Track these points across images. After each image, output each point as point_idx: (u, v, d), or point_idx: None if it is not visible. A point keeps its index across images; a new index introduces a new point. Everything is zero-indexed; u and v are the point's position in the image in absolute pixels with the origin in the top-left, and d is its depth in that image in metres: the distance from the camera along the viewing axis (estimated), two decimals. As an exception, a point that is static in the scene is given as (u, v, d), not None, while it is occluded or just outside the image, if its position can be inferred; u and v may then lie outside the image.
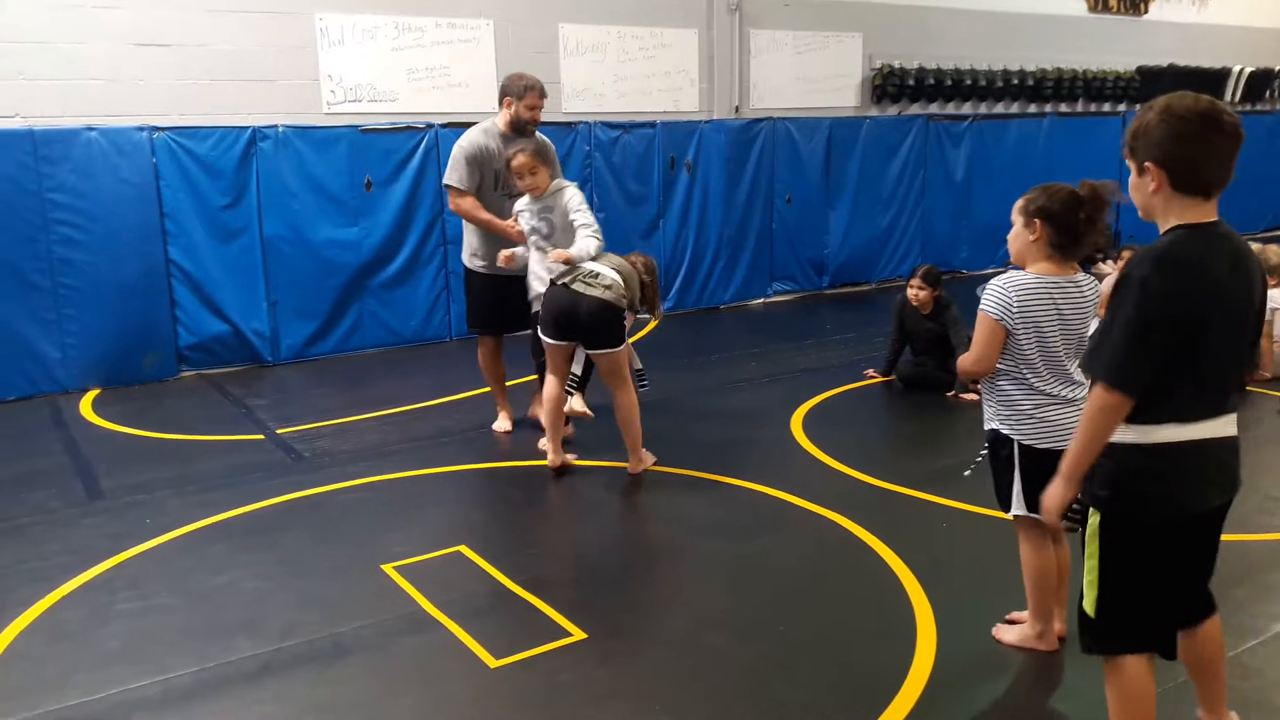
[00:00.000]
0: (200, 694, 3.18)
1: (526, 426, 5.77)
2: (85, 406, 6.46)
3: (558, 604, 3.69)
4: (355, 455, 5.42)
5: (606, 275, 4.77)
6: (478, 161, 5.40)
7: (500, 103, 5.50)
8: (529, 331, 5.31)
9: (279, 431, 5.87)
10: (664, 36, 9.27)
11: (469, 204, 5.42)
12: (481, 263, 5.52)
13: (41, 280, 6.61)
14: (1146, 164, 2.31)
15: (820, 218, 10.13)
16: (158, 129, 6.92)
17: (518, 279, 5.32)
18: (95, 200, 6.72)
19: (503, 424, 5.81)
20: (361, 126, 7.69)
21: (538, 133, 5.49)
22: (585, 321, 4.72)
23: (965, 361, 3.19)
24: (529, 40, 8.54)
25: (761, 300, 9.93)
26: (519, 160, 4.99)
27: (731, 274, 9.67)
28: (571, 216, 4.94)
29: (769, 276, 9.98)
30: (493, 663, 3.31)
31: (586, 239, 4.88)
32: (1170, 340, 2.25)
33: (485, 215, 5.39)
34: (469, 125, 8.03)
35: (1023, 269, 3.13)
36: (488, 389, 5.90)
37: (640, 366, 5.21)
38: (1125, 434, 2.34)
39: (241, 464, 5.31)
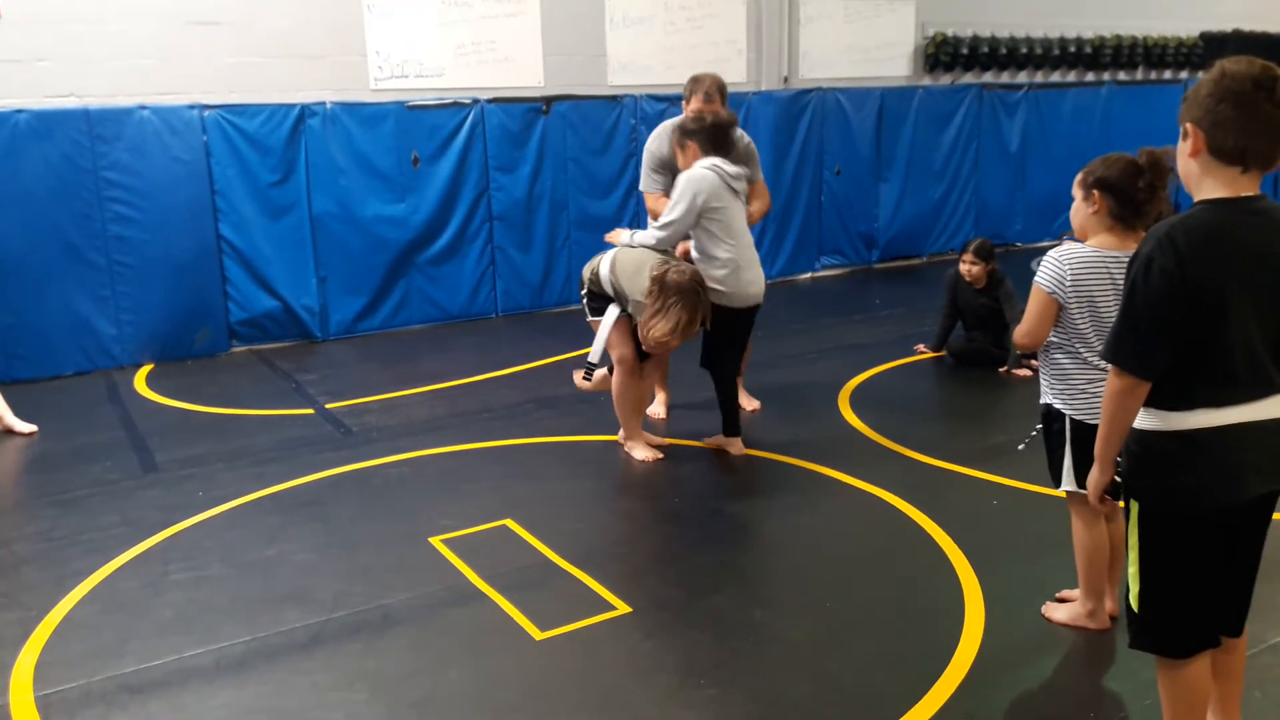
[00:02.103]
0: (252, 663, 3.23)
1: (573, 400, 5.77)
2: (139, 381, 6.58)
3: (603, 578, 3.69)
4: (403, 430, 5.47)
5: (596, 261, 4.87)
6: (659, 166, 5.20)
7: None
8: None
9: (328, 406, 5.93)
10: (711, 6, 9.15)
11: (653, 206, 5.17)
12: None
13: (97, 257, 6.73)
14: (1187, 124, 2.20)
15: (870, 190, 9.99)
16: (208, 107, 6.99)
17: None
18: (148, 178, 6.81)
19: (657, 408, 5.56)
20: (408, 102, 7.71)
21: (742, 134, 5.17)
22: None
23: (1017, 334, 3.16)
24: (575, 13, 8.48)
25: (809, 275, 9.83)
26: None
27: (779, 248, 9.57)
28: None
29: (817, 250, 9.86)
30: (538, 635, 3.33)
31: (645, 229, 4.88)
32: (1180, 320, 2.15)
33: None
34: (515, 101, 8.15)
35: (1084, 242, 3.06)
36: (533, 364, 5.90)
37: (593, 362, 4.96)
38: (1154, 421, 2.24)
39: (291, 438, 5.38)
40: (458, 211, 7.99)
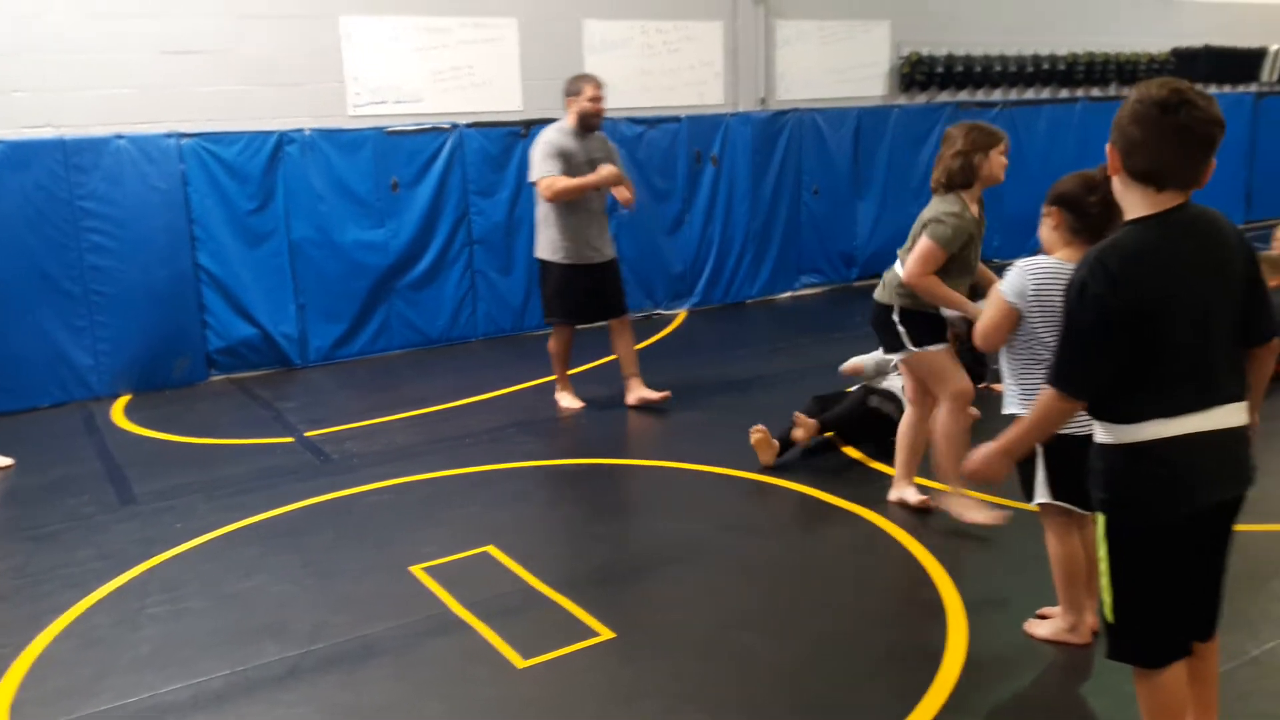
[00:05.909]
0: (230, 697, 3.19)
1: (554, 424, 5.75)
2: (117, 412, 6.53)
3: (586, 603, 3.67)
4: (383, 457, 5.44)
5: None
6: (559, 156, 5.74)
7: (565, 104, 5.94)
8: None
9: (307, 434, 5.90)
10: (688, 29, 9.22)
11: (562, 181, 5.68)
12: (562, 254, 5.85)
13: (73, 287, 6.68)
14: (1108, 145, 2.26)
15: (849, 209, 10.03)
16: (185, 135, 6.97)
17: (596, 267, 5.88)
18: (125, 207, 6.77)
19: (572, 402, 6.13)
20: (387, 128, 7.71)
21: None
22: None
23: (975, 334, 3.22)
24: (553, 38, 8.51)
25: (789, 294, 9.85)
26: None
27: (758, 268, 9.59)
28: None
29: (796, 269, 9.89)
30: (520, 663, 3.30)
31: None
32: (1117, 341, 2.18)
33: (577, 181, 5.70)
34: (494, 125, 8.16)
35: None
36: (514, 387, 5.90)
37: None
38: (1111, 434, 2.27)
39: (270, 467, 5.34)
40: (438, 236, 7.98)
